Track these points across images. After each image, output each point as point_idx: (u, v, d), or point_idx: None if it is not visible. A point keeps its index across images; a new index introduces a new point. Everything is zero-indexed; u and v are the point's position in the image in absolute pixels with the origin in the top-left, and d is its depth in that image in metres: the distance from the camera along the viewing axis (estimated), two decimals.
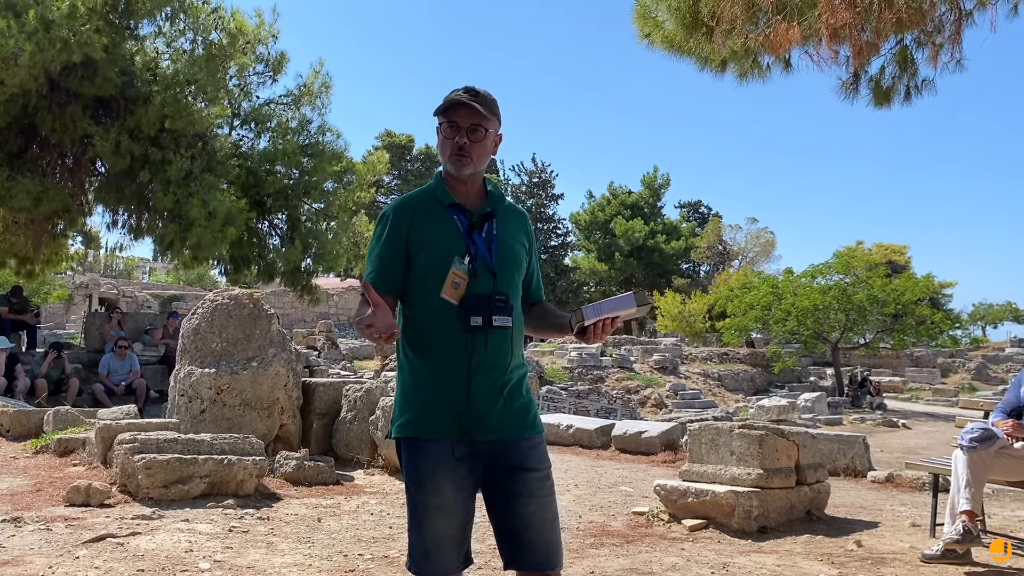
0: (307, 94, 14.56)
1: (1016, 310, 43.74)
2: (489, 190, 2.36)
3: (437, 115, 2.27)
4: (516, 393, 2.27)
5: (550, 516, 2.26)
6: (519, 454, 2.24)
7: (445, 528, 2.18)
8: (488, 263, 2.24)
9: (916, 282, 26.89)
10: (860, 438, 7.88)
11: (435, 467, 2.18)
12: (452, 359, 2.19)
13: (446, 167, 2.29)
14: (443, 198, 2.29)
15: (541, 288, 2.51)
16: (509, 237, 2.32)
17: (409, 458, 2.23)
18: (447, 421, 2.19)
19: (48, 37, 10.86)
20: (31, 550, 4.11)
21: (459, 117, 2.22)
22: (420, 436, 2.20)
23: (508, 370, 2.25)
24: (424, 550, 2.19)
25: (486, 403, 2.20)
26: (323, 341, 23.88)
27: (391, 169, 44.32)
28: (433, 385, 2.21)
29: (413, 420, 2.22)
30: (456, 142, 2.24)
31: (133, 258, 46.64)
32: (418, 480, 2.19)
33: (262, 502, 5.48)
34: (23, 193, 11.57)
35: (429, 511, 2.18)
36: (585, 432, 9.04)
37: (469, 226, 2.27)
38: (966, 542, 4.29)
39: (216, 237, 12.19)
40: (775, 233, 50.56)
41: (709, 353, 29.92)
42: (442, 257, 2.21)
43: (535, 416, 2.33)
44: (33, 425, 8.07)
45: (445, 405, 2.19)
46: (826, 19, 5.07)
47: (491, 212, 2.31)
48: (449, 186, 2.30)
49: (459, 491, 2.19)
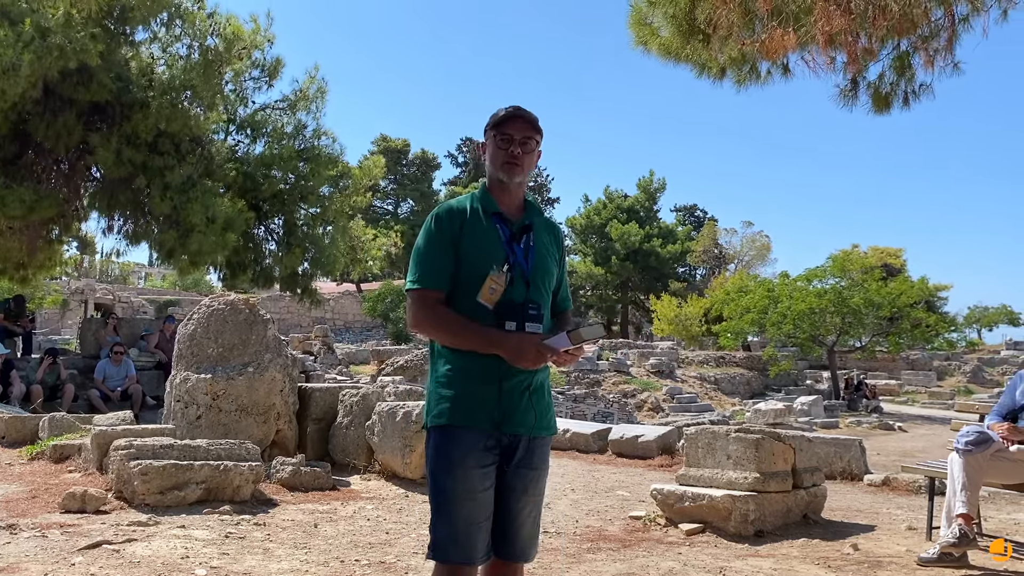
0: (303, 99, 14.57)
1: (1011, 313, 43.82)
2: (528, 202, 2.51)
3: (490, 130, 2.45)
4: (539, 394, 2.43)
5: (536, 512, 2.44)
6: (528, 452, 2.40)
7: (472, 514, 2.29)
8: (524, 272, 2.40)
9: (911, 285, 26.92)
10: (856, 441, 7.89)
11: (466, 454, 2.30)
12: (486, 359, 2.32)
13: (497, 175, 2.45)
14: (488, 207, 2.44)
15: (568, 299, 2.67)
16: (544, 249, 2.48)
17: (440, 446, 2.34)
18: (480, 413, 2.32)
19: (45, 45, 10.85)
20: (26, 557, 4.10)
21: (514, 129, 2.42)
22: (455, 424, 2.32)
23: (535, 372, 2.40)
24: (451, 536, 2.28)
25: (514, 402, 2.35)
26: (319, 346, 23.84)
27: (387, 173, 44.29)
28: (468, 381, 2.34)
29: (449, 409, 2.33)
30: (511, 152, 2.41)
31: (129, 263, 46.59)
32: (447, 466, 2.31)
33: (258, 508, 5.47)
34: (16, 201, 11.54)
35: (457, 496, 2.28)
36: (582, 436, 9.04)
37: (510, 236, 2.42)
38: (962, 545, 4.30)
39: (217, 242, 12.19)
40: (771, 237, 50.69)
41: (705, 357, 29.92)
42: (484, 263, 2.36)
43: (553, 416, 2.50)
44: (28, 431, 8.05)
45: (479, 400, 2.32)
46: (821, 25, 5.09)
47: (530, 225, 2.47)
48: (494, 196, 2.46)
49: (484, 479, 2.31)
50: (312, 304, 16.09)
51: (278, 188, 13.99)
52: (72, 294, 31.36)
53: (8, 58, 10.69)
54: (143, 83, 12.43)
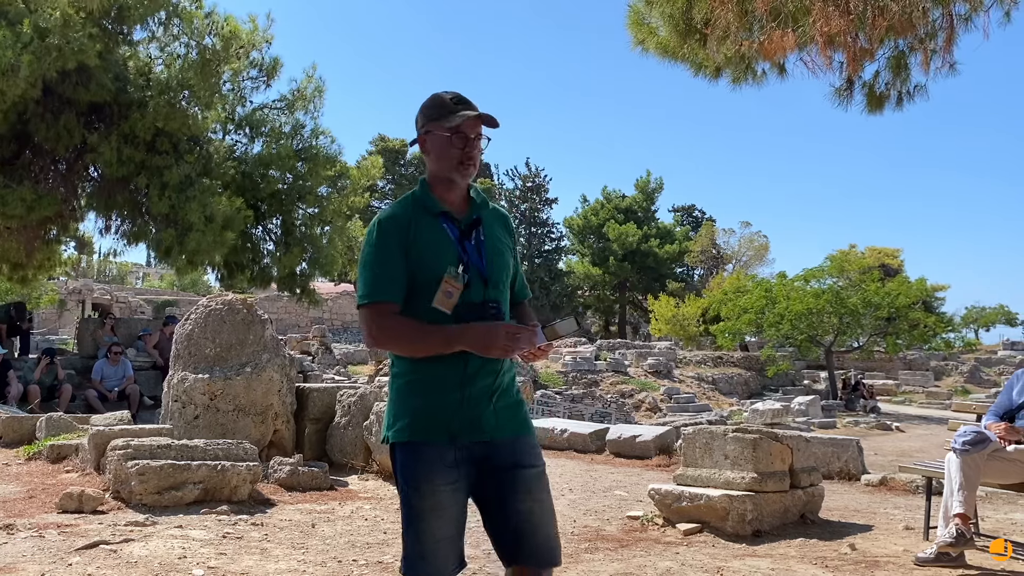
0: (301, 99, 14.56)
1: (1008, 313, 43.81)
2: (471, 196, 2.36)
3: (437, 124, 2.27)
4: (506, 395, 2.30)
5: (547, 511, 2.29)
6: (512, 452, 2.27)
7: (440, 530, 2.20)
8: (480, 271, 2.27)
9: (909, 285, 26.97)
10: (854, 441, 7.90)
11: (429, 469, 2.20)
12: (447, 368, 2.21)
13: (449, 175, 2.29)
14: (432, 207, 2.29)
15: (526, 287, 2.54)
16: (497, 242, 2.35)
17: (403, 462, 2.25)
18: (440, 426, 2.21)
19: (43, 45, 10.84)
20: (23, 557, 4.09)
21: (467, 127, 2.26)
22: (415, 440, 2.22)
23: (500, 374, 2.28)
24: (419, 552, 2.20)
25: (478, 408, 2.23)
26: (317, 346, 23.81)
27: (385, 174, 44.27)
28: (427, 392, 2.23)
29: (408, 424, 2.24)
30: (466, 152, 2.26)
31: (126, 263, 46.58)
32: (413, 483, 2.21)
33: (256, 508, 5.46)
34: (16, 200, 11.54)
35: (424, 513, 2.19)
36: (579, 436, 9.04)
37: (460, 234, 2.28)
38: (959, 545, 4.30)
39: (215, 241, 12.18)
40: (768, 237, 50.69)
41: (703, 357, 29.94)
42: (436, 267, 2.22)
43: (525, 416, 2.36)
44: (26, 431, 8.04)
45: (438, 411, 2.22)
46: (820, 26, 5.09)
47: (478, 219, 2.33)
48: (438, 195, 2.31)
49: (454, 493, 2.21)
50: (310, 304, 16.07)
51: (276, 188, 13.98)
52: (69, 294, 31.32)
53: (7, 59, 10.69)
54: (141, 83, 12.42)
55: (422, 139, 2.32)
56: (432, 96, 2.33)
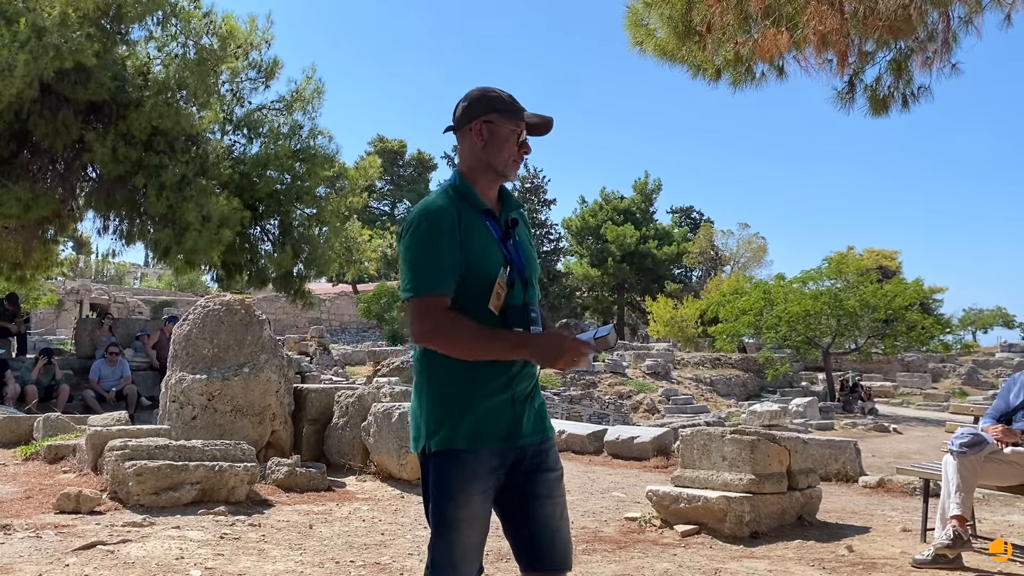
0: (299, 99, 14.55)
1: (1006, 315, 43.94)
2: (504, 193, 2.33)
3: (505, 117, 2.24)
4: (539, 396, 2.30)
5: (565, 515, 2.29)
6: (538, 456, 2.26)
7: (471, 539, 2.18)
8: (522, 273, 2.24)
9: (907, 287, 26.98)
10: (851, 443, 7.90)
11: (469, 479, 2.15)
12: (498, 369, 2.17)
13: (504, 169, 2.26)
14: (476, 203, 2.22)
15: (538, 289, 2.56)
16: (527, 244, 2.34)
17: (442, 470, 2.17)
18: (491, 432, 2.17)
19: (41, 44, 10.83)
20: (20, 558, 4.08)
21: (526, 128, 2.28)
22: (459, 447, 2.15)
23: (535, 376, 2.28)
24: (450, 561, 2.17)
25: (521, 410, 2.22)
26: (315, 347, 23.80)
27: (383, 174, 44.27)
28: (478, 396, 2.17)
29: (454, 432, 2.16)
30: (522, 152, 2.27)
31: (124, 264, 46.54)
32: (448, 492, 2.15)
33: (253, 509, 5.46)
34: (13, 200, 11.52)
35: (457, 523, 2.16)
36: (577, 437, 9.04)
37: (503, 234, 2.25)
38: (957, 547, 4.31)
39: (212, 240, 12.17)
40: (767, 238, 50.76)
41: (701, 358, 29.94)
42: (489, 267, 2.17)
43: (549, 418, 2.37)
44: (23, 432, 8.02)
45: (489, 414, 2.17)
46: (814, 25, 5.10)
47: (515, 220, 2.31)
48: (480, 190, 2.25)
49: (485, 502, 2.19)
50: (305, 305, 16.04)
51: (274, 188, 13.96)
52: (67, 294, 31.27)
53: (4, 58, 10.68)
54: (139, 82, 12.41)
55: (478, 126, 2.24)
56: (487, 88, 2.30)
